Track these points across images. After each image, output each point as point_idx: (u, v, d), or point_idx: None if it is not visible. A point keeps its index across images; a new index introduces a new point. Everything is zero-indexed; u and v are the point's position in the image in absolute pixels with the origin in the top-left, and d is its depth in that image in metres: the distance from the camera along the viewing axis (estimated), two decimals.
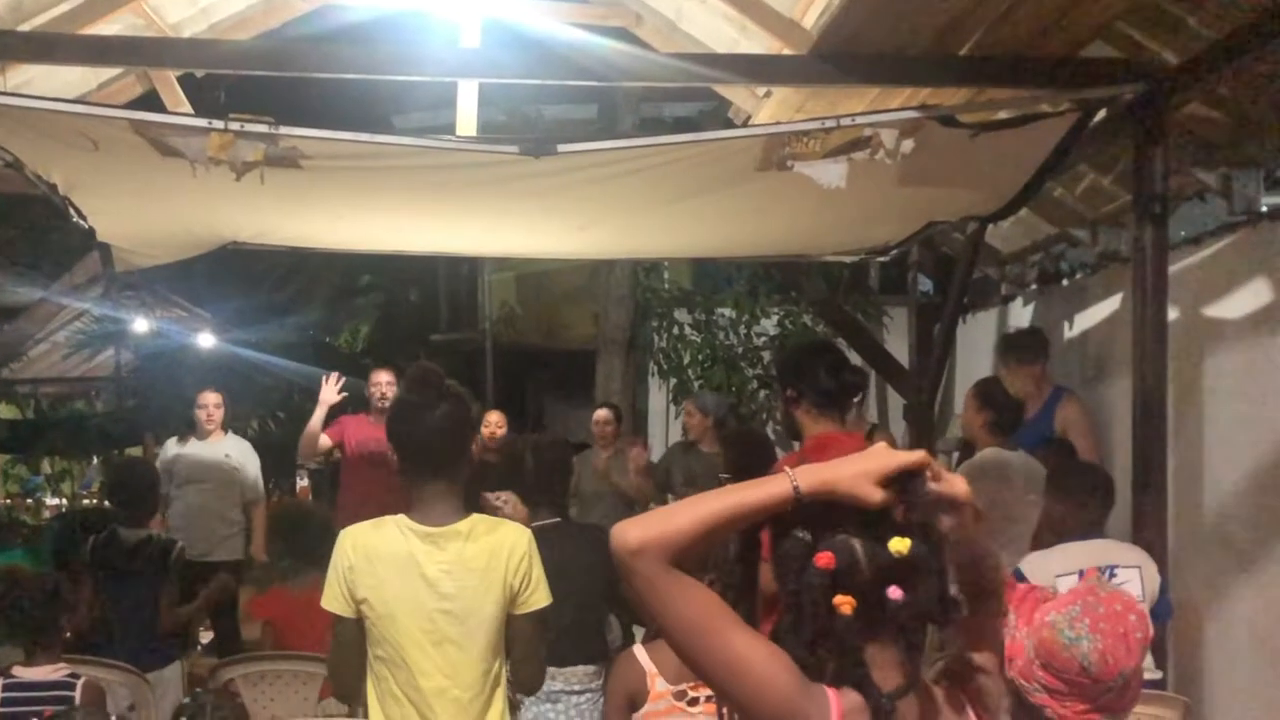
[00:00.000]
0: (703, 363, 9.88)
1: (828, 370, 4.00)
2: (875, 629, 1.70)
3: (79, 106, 4.24)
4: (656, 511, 1.78)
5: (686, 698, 2.91)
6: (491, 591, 2.90)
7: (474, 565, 2.90)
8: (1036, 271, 6.91)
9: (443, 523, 2.92)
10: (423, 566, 2.87)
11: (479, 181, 4.68)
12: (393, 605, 2.87)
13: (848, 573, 1.67)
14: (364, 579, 2.87)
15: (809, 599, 1.67)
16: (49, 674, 3.74)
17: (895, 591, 1.66)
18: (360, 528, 2.97)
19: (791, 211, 5.12)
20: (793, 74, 4.39)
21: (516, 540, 2.97)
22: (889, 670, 1.71)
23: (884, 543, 1.66)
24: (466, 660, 2.90)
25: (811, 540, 1.69)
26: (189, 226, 5.47)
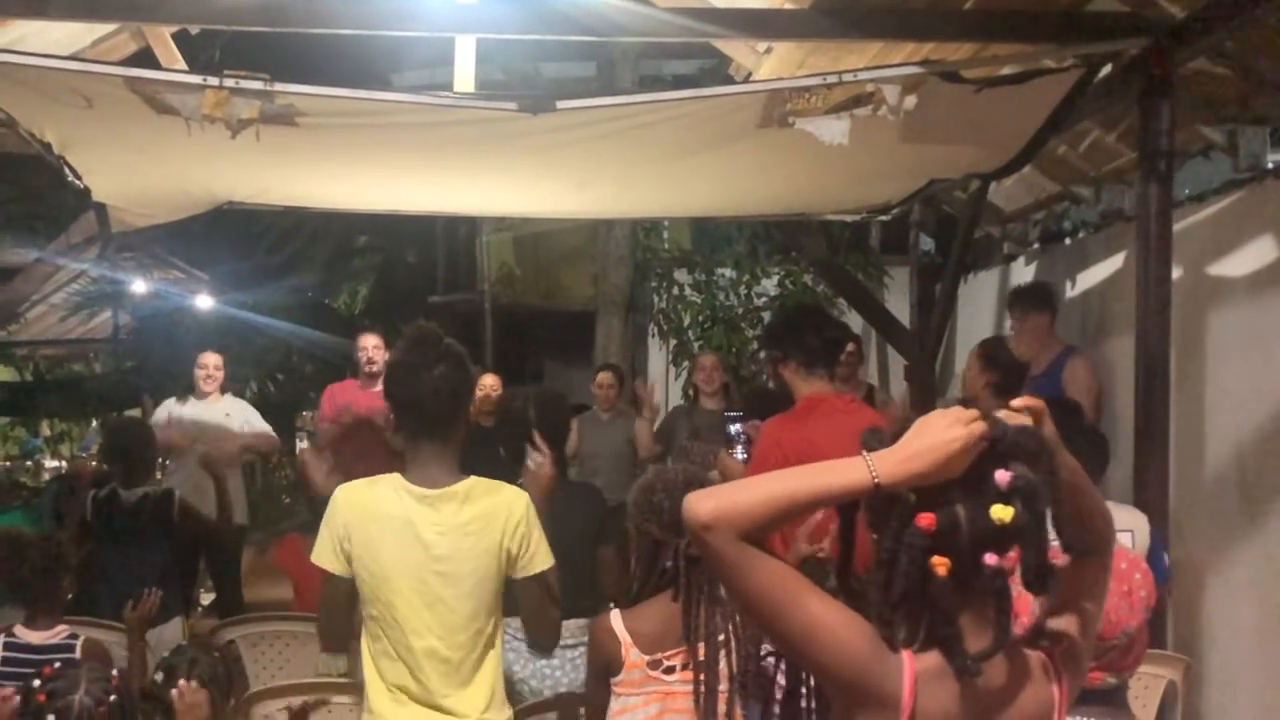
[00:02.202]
0: (703, 323, 9.86)
1: (812, 329, 4.05)
2: (968, 593, 1.70)
3: (72, 63, 4.19)
4: (728, 486, 1.78)
5: (662, 666, 2.90)
6: (487, 554, 2.89)
7: (470, 528, 2.88)
8: (1039, 230, 6.87)
9: (439, 484, 2.90)
10: (417, 527, 2.86)
11: (477, 139, 4.63)
12: (386, 564, 2.85)
13: (948, 535, 1.68)
14: (357, 537, 2.86)
15: (906, 558, 1.68)
16: (50, 636, 3.74)
17: (991, 558, 1.67)
18: (355, 485, 2.96)
19: (792, 169, 5.08)
20: (794, 28, 4.34)
21: (514, 503, 2.95)
22: (978, 633, 1.71)
23: (987, 508, 1.66)
24: (458, 621, 2.89)
25: (915, 500, 1.69)
26: (185, 185, 5.42)
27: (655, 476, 3.01)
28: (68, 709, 2.49)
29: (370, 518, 2.87)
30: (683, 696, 2.86)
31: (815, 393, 3.98)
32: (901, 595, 1.70)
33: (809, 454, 3.75)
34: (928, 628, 1.72)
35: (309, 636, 4.38)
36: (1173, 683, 4.02)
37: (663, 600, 2.89)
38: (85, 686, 2.54)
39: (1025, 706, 1.77)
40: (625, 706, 2.91)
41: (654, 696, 2.89)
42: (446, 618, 2.88)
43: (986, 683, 1.72)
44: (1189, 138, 4.83)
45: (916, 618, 1.73)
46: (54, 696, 2.51)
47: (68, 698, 2.50)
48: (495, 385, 7.79)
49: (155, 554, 5.08)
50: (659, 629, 2.89)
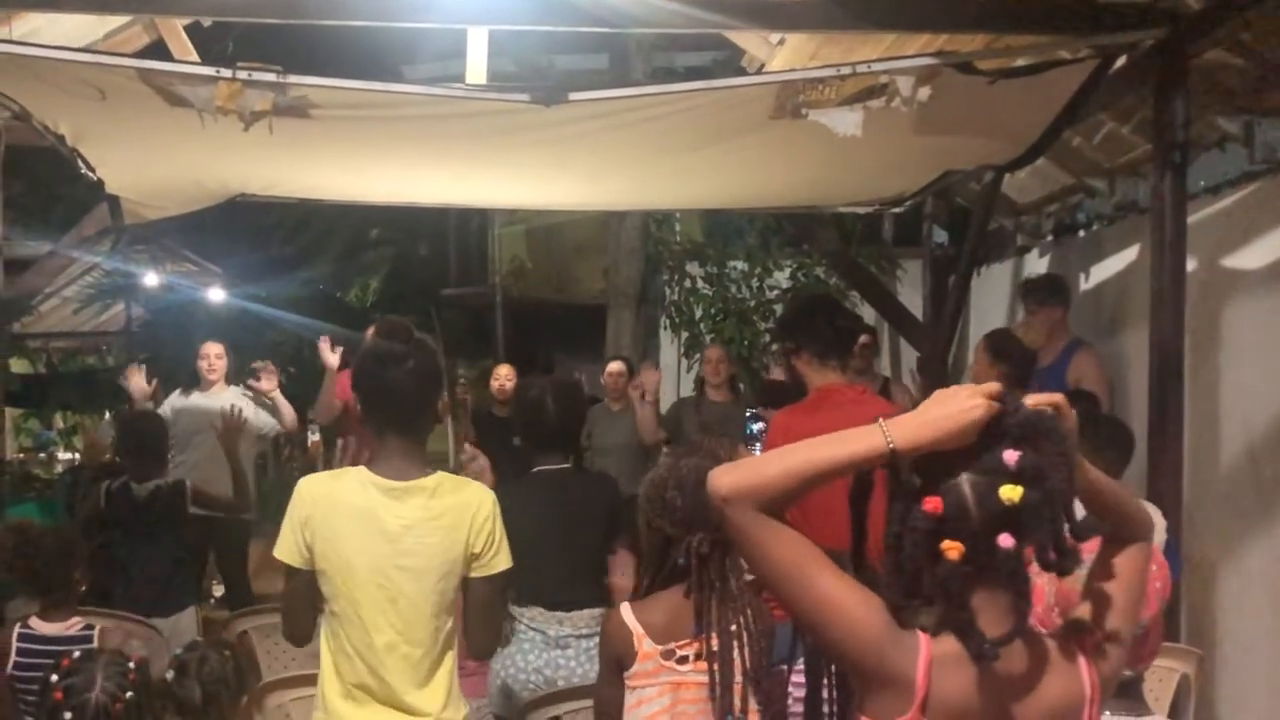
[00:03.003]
0: (714, 316, 9.84)
1: (825, 319, 4.04)
2: (984, 576, 1.69)
3: (86, 55, 4.18)
4: (748, 460, 1.81)
5: (675, 656, 2.89)
6: (452, 550, 2.85)
7: (436, 523, 2.84)
8: (1052, 222, 6.84)
9: (405, 477, 2.84)
10: (382, 520, 2.80)
11: (490, 131, 4.63)
12: (349, 557, 2.80)
13: (956, 519, 1.67)
14: (320, 529, 2.80)
15: (911, 542, 1.68)
16: (65, 628, 3.74)
17: (1006, 539, 1.65)
18: (318, 477, 2.92)
19: (805, 161, 5.07)
20: (807, 19, 4.31)
21: (481, 501, 2.90)
22: (996, 618, 1.69)
23: (996, 489, 1.64)
24: (420, 618, 2.84)
25: (920, 484, 1.68)
26: (198, 177, 5.43)
27: (667, 472, 2.99)
28: (83, 707, 2.49)
29: (333, 509, 2.81)
30: (695, 687, 2.86)
31: (828, 384, 3.96)
32: (911, 580, 1.69)
33: None
34: (942, 613, 1.71)
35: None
36: (1186, 676, 4.00)
37: (673, 593, 2.88)
38: (101, 684, 2.53)
39: (1050, 696, 1.75)
40: (641, 699, 2.90)
41: (667, 687, 2.88)
42: (409, 613, 2.82)
43: (1007, 670, 1.71)
44: (1204, 129, 4.81)
45: (931, 603, 1.72)
46: (70, 694, 2.51)
47: (84, 695, 2.50)
48: (510, 375, 7.81)
49: (168, 545, 5.11)
50: (670, 620, 2.88)
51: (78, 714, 2.49)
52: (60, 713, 2.49)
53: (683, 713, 2.87)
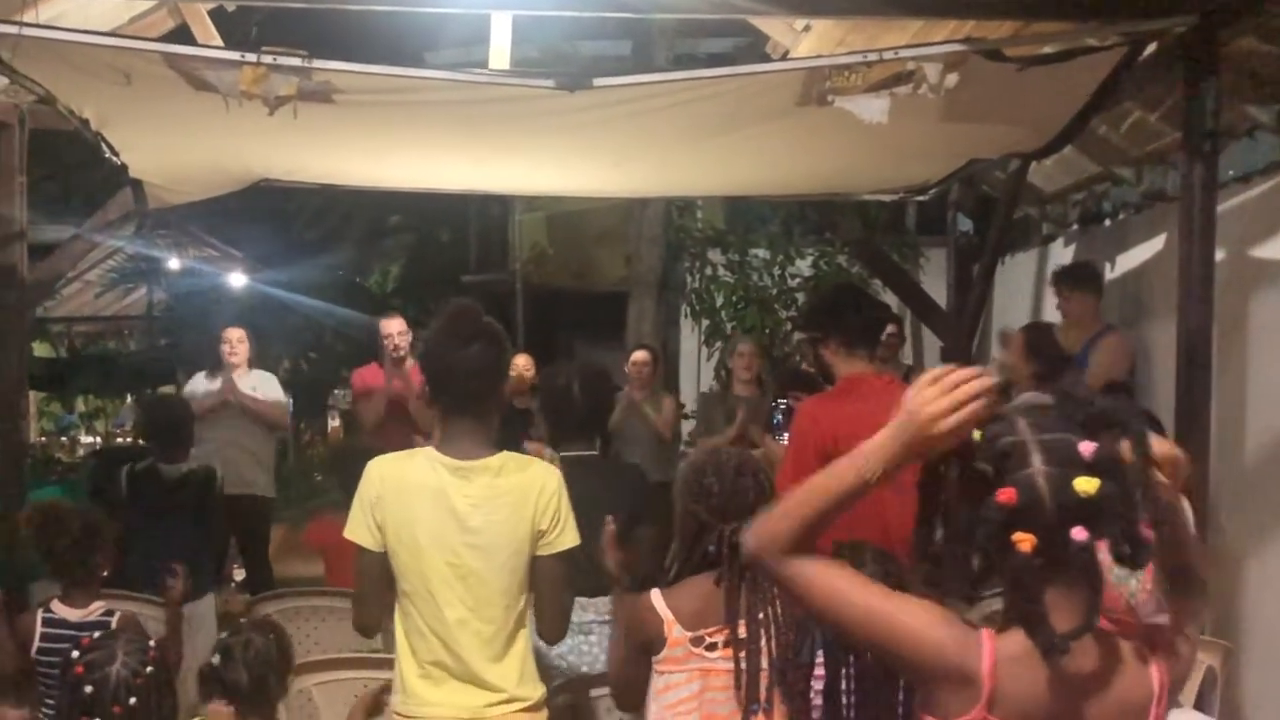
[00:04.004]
0: (736, 304, 9.81)
1: (851, 308, 4.02)
2: (1056, 569, 1.66)
3: (112, 39, 4.19)
4: (762, 517, 1.83)
5: (704, 643, 2.89)
6: (519, 527, 2.89)
7: (503, 500, 2.89)
8: (1078, 211, 6.79)
9: (471, 457, 2.90)
10: (451, 499, 2.86)
11: (513, 116, 4.62)
12: (419, 536, 2.86)
13: (1029, 510, 1.64)
14: (391, 510, 2.86)
15: (983, 534, 1.65)
16: (86, 613, 3.76)
17: (1079, 532, 1.62)
18: (388, 458, 2.97)
19: (830, 148, 5.04)
20: (836, 5, 4.29)
21: (547, 479, 2.95)
22: (1068, 612, 1.66)
23: (1071, 481, 1.62)
24: (490, 594, 2.89)
25: (994, 473, 1.66)
26: (221, 162, 5.44)
27: (707, 458, 3.00)
28: (105, 681, 2.50)
29: (404, 490, 2.87)
30: (724, 674, 2.86)
31: (855, 373, 3.95)
32: (982, 572, 1.67)
33: (846, 433, 3.75)
34: (1012, 606, 1.68)
35: (344, 612, 4.38)
36: (1212, 668, 3.97)
37: (703, 580, 2.88)
38: (122, 658, 2.54)
39: (1119, 694, 1.71)
40: (668, 684, 2.90)
41: (695, 674, 2.88)
42: (478, 590, 2.88)
43: (1077, 667, 1.67)
44: (1234, 117, 4.76)
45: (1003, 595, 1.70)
46: (91, 669, 2.52)
47: (105, 670, 2.52)
48: (528, 365, 7.79)
49: (192, 529, 5.13)
50: (700, 606, 2.88)
51: (98, 688, 2.50)
52: (81, 687, 2.50)
53: (712, 699, 2.87)
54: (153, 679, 2.56)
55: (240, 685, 2.93)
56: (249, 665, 2.96)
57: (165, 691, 2.62)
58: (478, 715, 2.89)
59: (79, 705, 2.53)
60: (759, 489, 2.92)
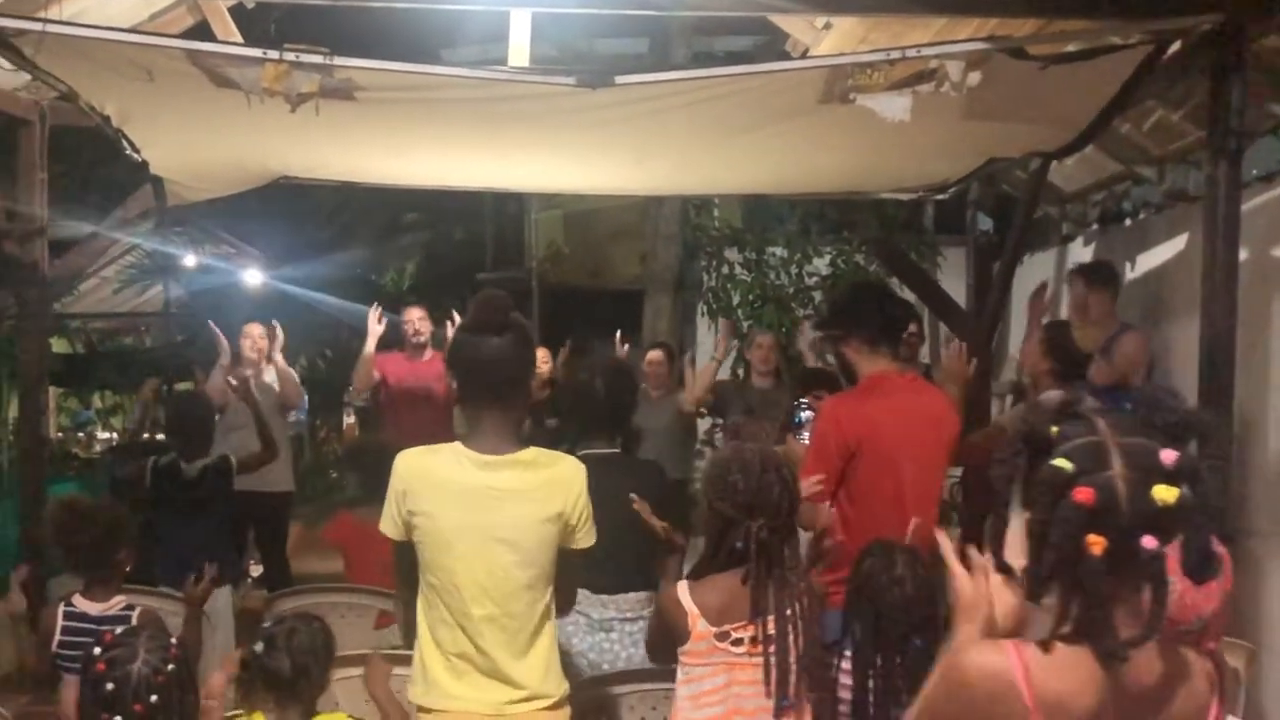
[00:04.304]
0: (753, 302, 9.80)
1: (874, 305, 4.00)
2: (1122, 575, 1.63)
3: (136, 36, 4.20)
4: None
5: (729, 638, 2.89)
6: (547, 523, 2.88)
7: (532, 495, 2.88)
8: (1098, 211, 6.76)
9: (500, 451, 2.89)
10: (478, 492, 2.85)
11: (534, 114, 4.61)
12: (446, 530, 2.85)
13: (1105, 512, 1.61)
14: (418, 502, 2.85)
15: (1058, 532, 1.62)
16: (107, 607, 3.76)
17: (1150, 541, 1.60)
18: (416, 452, 2.95)
19: (851, 146, 5.03)
20: (860, 2, 4.27)
21: (575, 475, 2.94)
22: (1126, 619, 1.64)
23: (1149, 488, 1.60)
24: (516, 589, 2.88)
25: (1073, 472, 1.63)
26: (241, 159, 5.45)
27: (732, 454, 2.99)
28: (126, 678, 2.50)
29: (431, 483, 2.87)
30: (750, 669, 2.86)
31: (878, 371, 3.93)
32: (1051, 571, 1.64)
33: (868, 432, 3.75)
34: (1077, 609, 1.66)
35: (364, 608, 4.40)
36: (1235, 670, 3.95)
37: (730, 575, 2.88)
38: (143, 656, 2.54)
39: (1183, 709, 1.70)
40: (691, 677, 2.91)
41: (720, 668, 2.88)
42: (505, 585, 2.86)
43: (1137, 676, 1.66)
44: (1257, 116, 4.73)
45: (1067, 597, 1.67)
46: (113, 665, 2.52)
47: (126, 667, 2.51)
48: (545, 359, 7.80)
49: (212, 524, 5.16)
50: (725, 602, 2.88)
51: (120, 685, 2.50)
52: (103, 684, 2.50)
53: (737, 694, 2.87)
54: (174, 676, 2.56)
55: (283, 674, 2.94)
56: (292, 654, 2.96)
57: (187, 689, 2.62)
58: (500, 712, 2.87)
59: (100, 702, 2.52)
60: (784, 485, 2.92)
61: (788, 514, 2.91)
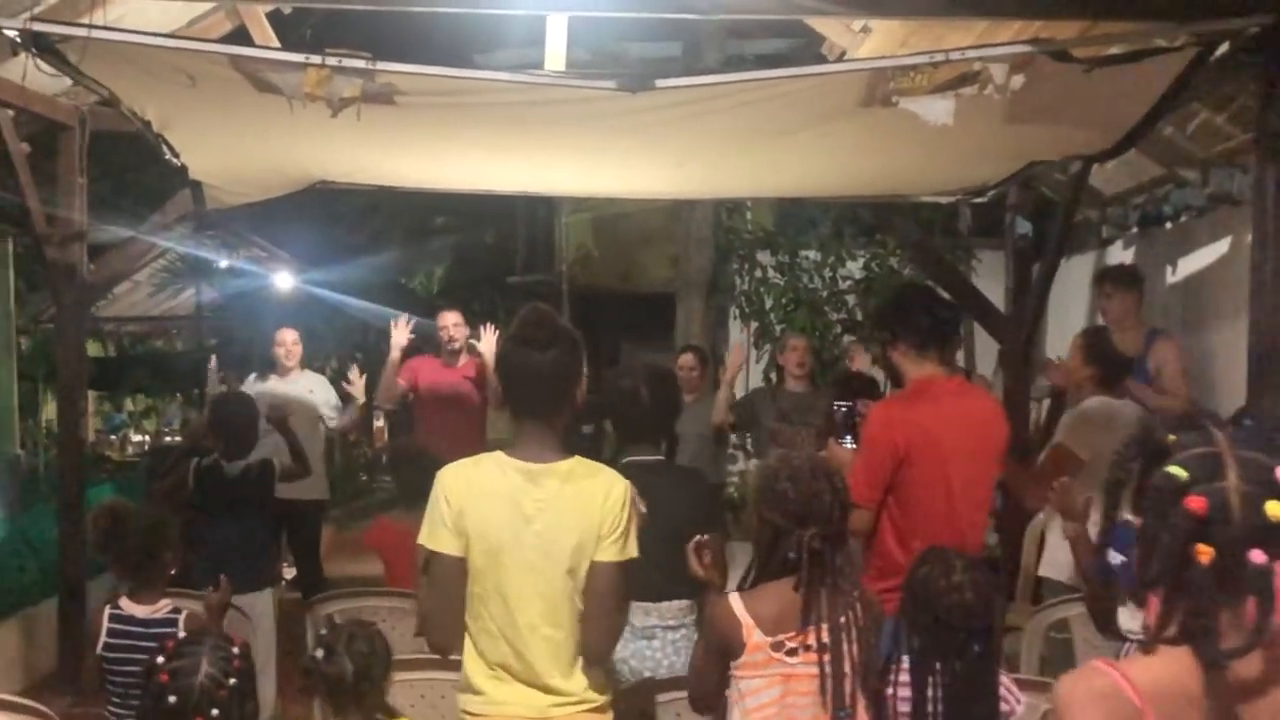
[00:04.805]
0: (785, 306, 9.77)
1: (922, 309, 3.96)
2: (1227, 586, 1.60)
3: (180, 41, 4.22)
4: None
5: (785, 648, 2.86)
6: (585, 533, 2.87)
7: (570, 505, 2.87)
8: (1138, 214, 6.70)
9: (541, 460, 2.89)
10: (520, 503, 2.86)
11: (573, 118, 4.61)
12: (493, 541, 2.85)
13: (1216, 523, 1.59)
14: (470, 516, 2.85)
15: (1167, 539, 1.61)
16: (154, 610, 3.76)
17: (1258, 555, 1.57)
18: (461, 465, 2.95)
19: (892, 150, 5.00)
20: (904, 6, 4.24)
21: (613, 485, 2.92)
22: (1233, 627, 1.61)
23: (1263, 502, 1.58)
24: (559, 599, 2.87)
25: (1187, 480, 1.62)
26: (280, 164, 5.47)
27: (781, 463, 2.96)
28: (189, 690, 2.49)
29: (479, 494, 2.87)
30: (806, 679, 2.83)
31: (926, 375, 3.89)
32: (1156, 578, 1.63)
33: (918, 437, 3.73)
34: (1180, 615, 1.64)
35: (404, 613, 4.40)
36: None
37: (783, 584, 2.85)
38: (206, 669, 2.53)
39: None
40: (748, 689, 2.88)
41: (776, 679, 2.85)
42: (549, 595, 2.86)
43: (1239, 676, 1.63)
44: None
45: (1170, 602, 1.65)
46: (176, 677, 2.51)
47: (189, 679, 2.50)
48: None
49: (253, 525, 5.18)
50: (779, 611, 2.85)
51: (182, 698, 2.49)
52: (165, 696, 2.49)
53: (793, 704, 2.85)
54: (236, 690, 2.54)
55: (345, 679, 2.94)
56: (353, 659, 2.96)
57: (248, 698, 2.61)
58: (544, 715, 2.88)
59: (162, 714, 2.52)
60: (835, 493, 2.89)
61: (839, 521, 2.89)
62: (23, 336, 11.97)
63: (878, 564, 3.73)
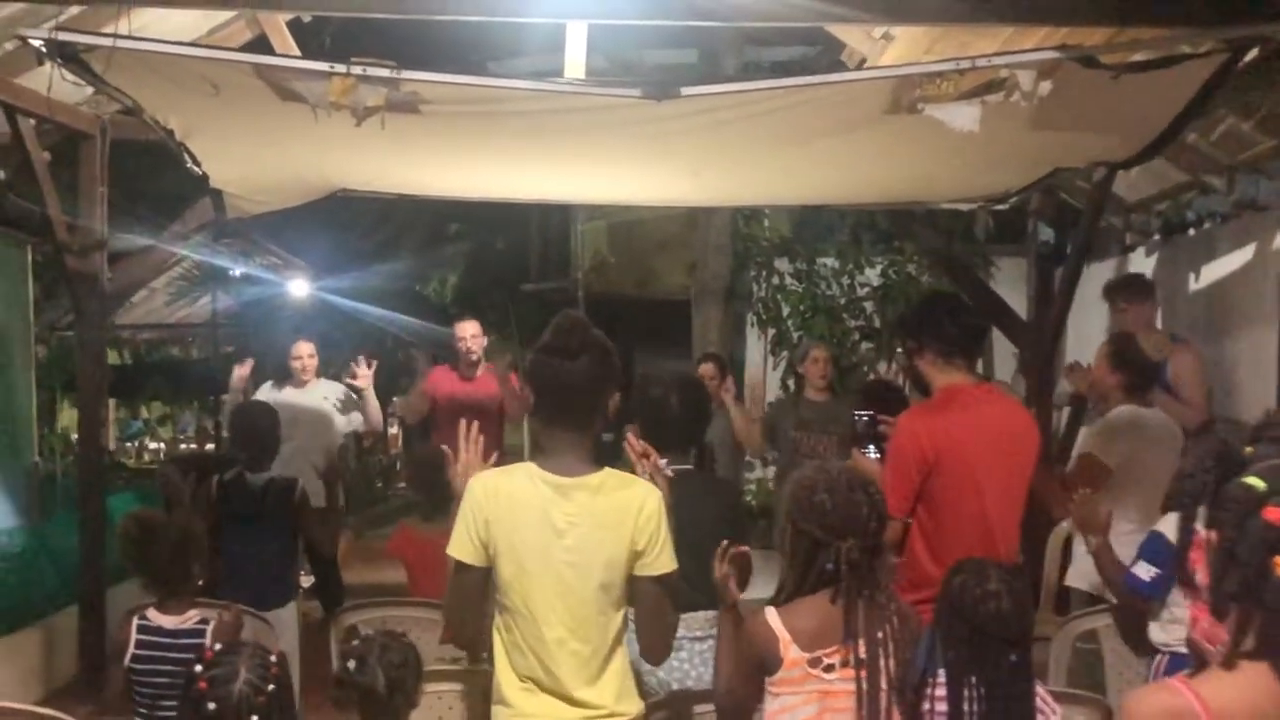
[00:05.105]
0: (803, 313, 9.75)
1: (949, 316, 3.91)
2: None
3: (206, 51, 4.22)
4: None
5: (822, 664, 2.83)
6: (617, 547, 2.84)
7: (601, 519, 2.84)
8: (1160, 221, 6.66)
9: (572, 473, 2.86)
10: (551, 516, 2.82)
11: (594, 126, 4.60)
12: (522, 554, 2.82)
13: None
14: (499, 528, 2.83)
15: (1245, 550, 1.61)
16: (181, 621, 3.75)
17: None
18: (491, 475, 2.93)
19: (914, 157, 4.98)
20: (931, 12, 4.19)
21: (646, 499, 2.89)
22: None
23: None
24: (587, 614, 2.84)
25: (1265, 491, 1.62)
26: (302, 172, 5.46)
27: (816, 474, 2.93)
28: (227, 698, 2.48)
29: (510, 507, 2.84)
30: (843, 696, 2.79)
31: (953, 383, 3.84)
32: (1237, 590, 1.61)
33: (947, 446, 3.68)
34: (1259, 627, 1.63)
35: (430, 623, 4.37)
36: None
37: (820, 598, 2.82)
38: (245, 676, 2.52)
39: None
40: (784, 706, 2.84)
41: (813, 695, 2.82)
42: (577, 609, 2.84)
43: None
44: None
45: (1248, 614, 1.64)
46: (214, 684, 2.50)
47: (228, 687, 2.49)
48: None
49: (276, 538, 5.15)
50: (817, 625, 2.82)
51: (222, 705, 2.48)
52: (204, 703, 2.48)
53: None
54: (275, 698, 2.53)
55: (378, 690, 2.93)
56: (385, 670, 2.95)
57: (286, 707, 2.60)
58: None
59: None
60: (872, 504, 2.86)
61: (876, 533, 2.85)
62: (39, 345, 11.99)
63: (909, 575, 3.69)
